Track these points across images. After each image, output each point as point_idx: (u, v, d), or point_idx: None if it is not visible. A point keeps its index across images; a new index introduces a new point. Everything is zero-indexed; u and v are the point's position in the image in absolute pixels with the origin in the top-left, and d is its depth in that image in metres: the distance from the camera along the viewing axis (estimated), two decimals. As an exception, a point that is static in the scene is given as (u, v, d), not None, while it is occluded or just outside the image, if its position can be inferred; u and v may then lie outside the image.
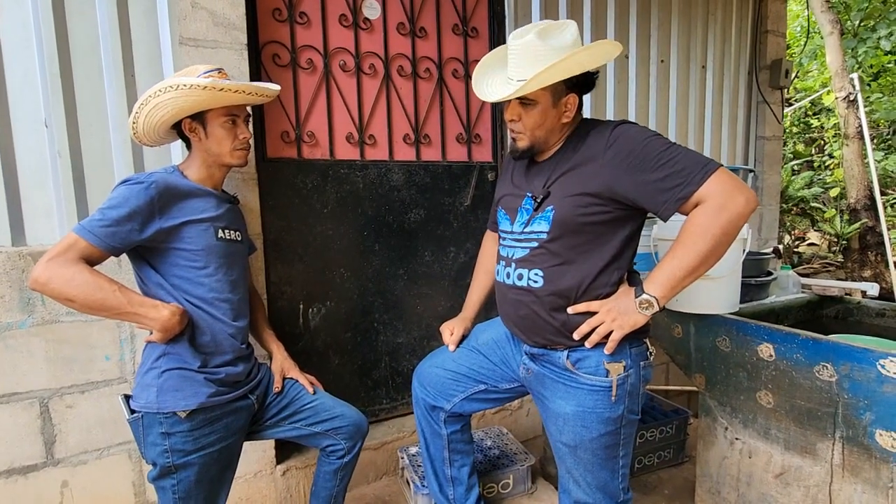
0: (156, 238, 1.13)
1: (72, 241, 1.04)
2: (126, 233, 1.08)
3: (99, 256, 1.07)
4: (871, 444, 1.22)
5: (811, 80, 7.26)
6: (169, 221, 1.14)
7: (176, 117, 1.19)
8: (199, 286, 1.19)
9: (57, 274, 1.01)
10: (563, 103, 1.13)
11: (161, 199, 1.12)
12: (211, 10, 1.51)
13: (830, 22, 5.30)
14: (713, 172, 1.01)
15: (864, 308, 1.74)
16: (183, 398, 1.14)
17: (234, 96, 1.19)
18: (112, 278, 1.08)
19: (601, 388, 1.13)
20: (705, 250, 1.02)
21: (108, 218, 1.07)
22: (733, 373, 1.50)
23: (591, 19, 2.28)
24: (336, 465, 1.41)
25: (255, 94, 1.23)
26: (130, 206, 1.08)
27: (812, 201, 6.17)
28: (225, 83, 1.16)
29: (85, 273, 1.03)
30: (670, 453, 2.10)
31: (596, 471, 1.19)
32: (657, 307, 1.08)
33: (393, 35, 1.92)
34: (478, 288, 1.51)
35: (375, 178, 1.94)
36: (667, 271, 1.07)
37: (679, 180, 1.02)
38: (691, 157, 1.03)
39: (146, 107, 1.16)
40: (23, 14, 1.37)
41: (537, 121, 1.13)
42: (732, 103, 2.80)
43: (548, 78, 1.05)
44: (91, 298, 1.03)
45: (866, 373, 1.18)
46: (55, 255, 1.03)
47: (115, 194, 1.11)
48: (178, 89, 1.13)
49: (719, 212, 1.00)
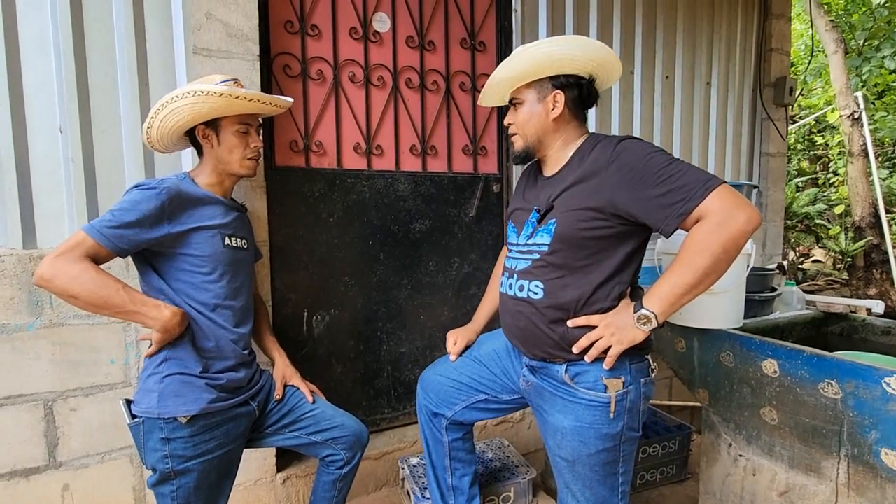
0: (163, 242, 1.15)
1: (80, 240, 1.06)
2: (134, 235, 1.10)
3: (106, 256, 1.09)
4: (876, 463, 1.21)
5: (815, 97, 7.29)
6: (178, 227, 1.16)
7: (191, 123, 1.22)
8: (203, 292, 1.20)
9: (62, 271, 1.03)
10: (548, 100, 1.18)
11: (171, 204, 1.14)
12: (225, 22, 1.54)
13: (834, 41, 5.35)
14: (714, 189, 1.00)
15: (869, 326, 1.73)
16: (184, 403, 1.14)
17: (249, 104, 1.22)
18: (116, 277, 1.09)
19: (599, 403, 1.12)
20: (704, 267, 1.01)
21: (118, 220, 1.08)
22: (737, 388, 1.49)
23: (597, 34, 2.31)
24: (335, 476, 1.41)
25: (270, 103, 1.27)
26: (141, 211, 1.10)
27: (816, 218, 6.17)
28: (241, 91, 1.19)
29: (90, 271, 1.05)
30: (673, 469, 2.08)
31: (594, 487, 1.17)
32: (655, 323, 1.07)
33: (402, 48, 1.95)
34: (488, 301, 1.53)
35: (382, 187, 1.95)
36: (665, 287, 1.06)
37: (680, 196, 1.01)
38: (693, 173, 1.03)
39: (163, 111, 1.19)
40: (41, 21, 1.40)
41: (525, 118, 1.21)
42: (737, 120, 2.81)
43: (517, 66, 1.16)
44: (94, 296, 1.05)
45: (871, 391, 1.17)
46: (62, 252, 1.04)
47: (127, 197, 1.13)
48: (196, 95, 1.15)
49: (719, 228, 0.99)
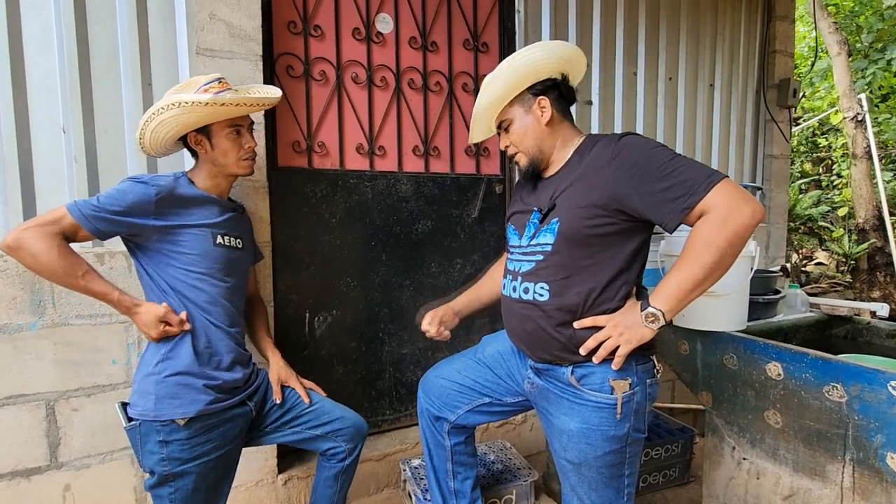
0: (144, 234, 1.16)
1: (59, 216, 1.08)
2: (115, 222, 1.12)
3: (83, 236, 1.11)
4: (881, 468, 1.20)
5: (819, 100, 7.27)
6: (163, 222, 1.17)
7: (181, 132, 1.22)
8: (196, 290, 1.21)
9: (28, 244, 1.05)
10: (534, 109, 1.18)
11: (160, 202, 1.16)
12: (228, 22, 1.54)
13: (838, 43, 5.34)
14: (718, 183, 1.00)
15: (874, 329, 1.72)
16: (181, 406, 1.14)
17: (235, 109, 1.21)
18: (83, 261, 1.11)
19: (606, 405, 1.12)
20: (711, 262, 1.01)
21: (103, 206, 1.10)
22: (741, 391, 1.48)
23: (599, 36, 2.31)
24: (337, 469, 1.41)
25: (256, 105, 1.24)
26: (128, 202, 1.12)
27: (820, 220, 6.15)
28: (226, 98, 1.17)
29: (53, 251, 1.06)
30: (676, 472, 2.07)
31: (601, 489, 1.17)
32: (663, 321, 1.07)
33: (405, 49, 1.95)
34: (475, 288, 1.50)
35: (384, 188, 1.95)
36: (672, 284, 1.05)
37: (683, 191, 1.01)
38: (696, 167, 1.03)
39: (151, 123, 1.19)
40: (45, 20, 1.40)
41: (520, 133, 1.20)
42: (740, 121, 2.81)
43: (497, 89, 1.16)
44: (53, 277, 1.09)
45: (877, 394, 1.16)
46: (36, 225, 1.06)
47: (119, 187, 1.15)
48: (181, 106, 1.15)
49: (724, 223, 0.99)
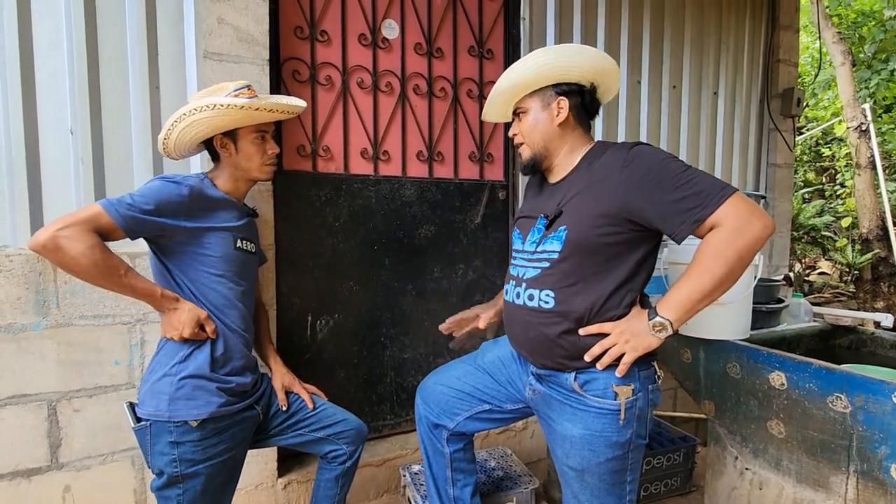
0: (174, 235, 1.16)
1: (94, 213, 1.05)
2: (149, 221, 1.11)
3: (117, 236, 1.09)
4: (886, 479, 1.19)
5: (822, 110, 7.28)
6: (193, 223, 1.17)
7: (209, 134, 1.23)
8: (214, 293, 1.22)
9: (67, 246, 1.01)
10: (552, 107, 1.19)
11: (192, 203, 1.17)
12: (236, 27, 1.56)
13: (842, 53, 5.35)
14: (730, 196, 1.01)
15: (878, 339, 1.71)
16: (195, 407, 1.15)
17: (268, 114, 1.23)
18: (121, 259, 1.10)
19: (609, 411, 1.12)
20: (720, 274, 1.02)
21: (137, 205, 1.09)
22: (743, 400, 1.47)
23: (604, 43, 2.32)
24: (338, 471, 1.42)
25: (287, 111, 1.28)
26: (161, 201, 1.12)
27: (823, 230, 6.14)
28: (262, 103, 1.20)
29: (96, 252, 1.04)
30: (677, 482, 2.05)
31: (603, 496, 1.16)
32: (671, 330, 1.07)
33: (410, 55, 1.97)
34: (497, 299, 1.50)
35: (388, 193, 1.96)
36: (681, 294, 1.06)
37: (696, 203, 1.02)
38: (709, 180, 1.03)
39: (181, 123, 1.19)
40: (55, 23, 1.41)
41: (531, 125, 1.21)
42: (744, 130, 2.81)
43: (522, 74, 1.17)
44: (92, 277, 1.06)
45: (881, 405, 1.15)
46: (72, 223, 1.02)
47: (150, 185, 1.14)
48: (216, 108, 1.16)
49: (735, 236, 1.00)
